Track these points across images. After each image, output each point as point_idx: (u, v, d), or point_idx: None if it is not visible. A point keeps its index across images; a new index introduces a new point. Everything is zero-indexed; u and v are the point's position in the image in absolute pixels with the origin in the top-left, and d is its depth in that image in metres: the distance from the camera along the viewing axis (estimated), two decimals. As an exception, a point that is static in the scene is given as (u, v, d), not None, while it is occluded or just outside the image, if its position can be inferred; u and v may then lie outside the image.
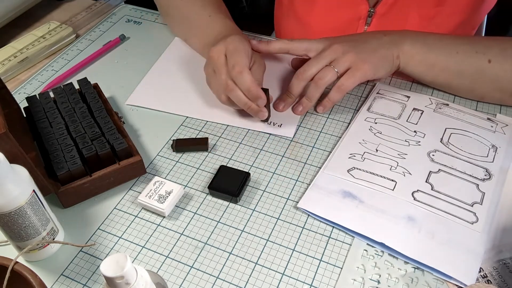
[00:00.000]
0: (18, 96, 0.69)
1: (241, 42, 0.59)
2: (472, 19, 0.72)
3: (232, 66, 0.57)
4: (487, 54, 0.59)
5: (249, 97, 0.57)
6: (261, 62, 0.63)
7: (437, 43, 0.61)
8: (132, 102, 0.66)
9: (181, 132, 0.62)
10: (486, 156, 0.56)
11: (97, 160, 0.53)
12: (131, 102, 0.67)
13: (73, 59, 0.75)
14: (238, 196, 0.52)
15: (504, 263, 0.46)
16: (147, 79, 0.70)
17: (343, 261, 0.48)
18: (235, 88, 0.57)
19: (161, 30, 0.81)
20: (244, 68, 0.56)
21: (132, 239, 0.50)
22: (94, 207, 0.54)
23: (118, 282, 0.30)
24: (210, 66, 0.61)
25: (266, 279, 0.47)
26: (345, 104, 0.65)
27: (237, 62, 0.57)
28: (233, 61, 0.57)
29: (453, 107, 0.62)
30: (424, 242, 0.48)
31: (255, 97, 0.57)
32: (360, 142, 0.58)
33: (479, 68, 0.60)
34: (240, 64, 0.57)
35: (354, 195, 0.52)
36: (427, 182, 0.53)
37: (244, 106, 0.58)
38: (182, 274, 0.47)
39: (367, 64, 0.59)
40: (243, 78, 0.56)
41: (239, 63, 0.57)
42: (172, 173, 0.57)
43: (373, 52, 0.60)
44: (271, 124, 0.62)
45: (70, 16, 0.84)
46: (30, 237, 0.46)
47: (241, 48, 0.58)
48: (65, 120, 0.57)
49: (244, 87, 0.57)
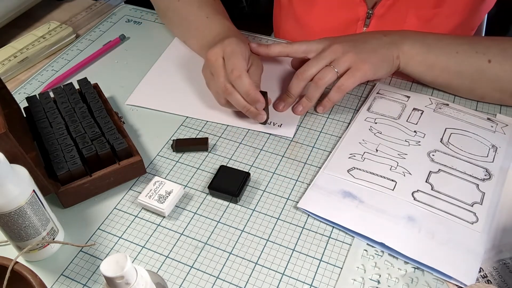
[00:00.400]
0: (18, 96, 0.69)
1: (238, 45, 0.59)
2: (471, 20, 0.72)
3: (231, 70, 0.57)
4: (487, 54, 0.59)
5: (248, 100, 0.58)
6: (259, 63, 0.63)
7: (437, 43, 0.61)
8: (132, 102, 0.66)
9: (181, 132, 0.62)
10: (486, 156, 0.56)
11: (97, 160, 0.53)
12: (131, 102, 0.67)
13: (73, 59, 0.75)
14: (238, 196, 0.52)
15: (504, 263, 0.46)
16: (147, 79, 0.70)
17: (343, 261, 0.48)
18: (233, 91, 0.57)
19: (161, 30, 0.81)
20: (242, 72, 0.56)
21: (132, 239, 0.50)
22: (94, 207, 0.54)
23: (118, 282, 0.30)
24: (208, 68, 0.61)
25: (266, 279, 0.47)
26: (345, 104, 0.65)
27: (235, 66, 0.57)
28: (231, 64, 0.57)
29: (453, 107, 0.62)
30: (424, 242, 0.48)
31: (253, 100, 0.57)
32: (360, 142, 0.58)
33: (479, 68, 0.60)
34: (238, 68, 0.56)
35: (354, 195, 0.52)
36: (427, 182, 0.53)
37: (243, 109, 0.59)
38: (182, 274, 0.47)
39: (367, 64, 0.59)
40: (242, 82, 0.56)
41: (237, 67, 0.57)
42: (172, 173, 0.57)
43: (373, 52, 0.60)
44: (271, 124, 0.62)
45: (70, 16, 0.84)
46: (30, 237, 0.46)
47: (239, 51, 0.58)
48: (65, 120, 0.57)
49: (243, 91, 0.57)
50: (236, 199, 0.53)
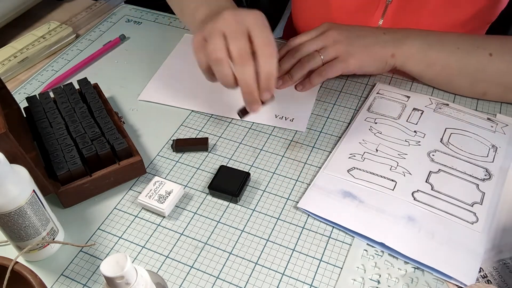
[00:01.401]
0: (18, 96, 0.69)
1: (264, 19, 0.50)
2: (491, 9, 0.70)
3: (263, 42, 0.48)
4: (488, 48, 0.60)
5: (263, 85, 0.49)
6: None
7: (438, 41, 0.61)
8: (144, 98, 0.67)
9: (181, 132, 0.62)
10: (486, 156, 0.56)
11: (97, 160, 0.53)
12: (143, 98, 0.67)
13: (73, 59, 0.75)
14: (238, 196, 0.52)
15: (504, 263, 0.46)
16: (158, 75, 0.71)
17: (343, 261, 0.48)
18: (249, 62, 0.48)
19: (161, 30, 0.81)
20: (275, 51, 0.48)
21: (132, 239, 0.50)
22: (94, 207, 0.54)
23: (118, 282, 0.30)
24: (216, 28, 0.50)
25: (266, 279, 0.47)
26: (345, 104, 0.65)
27: (270, 40, 0.48)
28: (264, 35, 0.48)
29: (453, 107, 0.62)
30: (424, 242, 0.48)
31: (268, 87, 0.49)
32: (360, 142, 0.58)
33: (481, 63, 0.60)
34: (272, 44, 0.48)
35: (354, 195, 0.52)
36: (427, 182, 0.53)
37: (246, 88, 0.50)
38: (182, 274, 0.47)
39: (353, 58, 0.61)
40: (273, 61, 0.48)
41: (272, 42, 0.48)
42: (172, 173, 0.57)
43: (364, 48, 0.62)
44: (283, 119, 0.62)
45: (70, 16, 0.84)
46: (30, 237, 0.46)
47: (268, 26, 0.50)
48: (65, 120, 0.57)
49: (267, 71, 0.48)
50: (236, 199, 0.53)
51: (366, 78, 0.68)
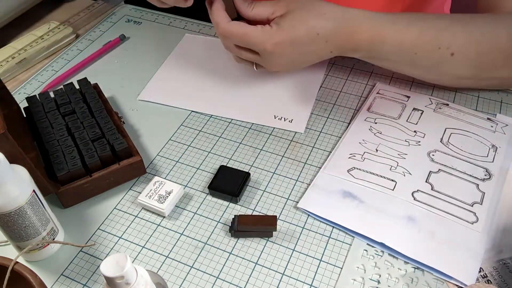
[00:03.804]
0: (18, 96, 0.69)
1: None
2: None
3: None
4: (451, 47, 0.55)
5: None
6: None
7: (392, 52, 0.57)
8: (144, 98, 0.67)
9: (181, 132, 0.62)
10: (486, 156, 0.56)
11: (97, 160, 0.53)
12: (143, 97, 0.67)
13: (73, 59, 0.75)
14: (238, 196, 0.52)
15: (504, 263, 0.46)
16: (158, 75, 0.71)
17: (343, 261, 0.48)
18: None
19: (161, 30, 0.81)
20: None
21: (132, 239, 0.50)
22: (94, 207, 0.54)
23: (118, 282, 0.30)
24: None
25: (266, 279, 0.47)
26: (345, 104, 0.65)
27: None
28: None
29: (453, 107, 0.62)
30: (424, 242, 0.48)
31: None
32: (360, 142, 0.58)
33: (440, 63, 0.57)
34: None
35: (354, 195, 0.52)
36: (427, 182, 0.53)
37: None
38: (182, 274, 0.47)
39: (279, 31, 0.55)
40: None
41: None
42: (172, 173, 0.57)
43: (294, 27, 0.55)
44: (282, 120, 0.62)
45: (70, 16, 0.84)
46: (30, 237, 0.46)
47: None
48: (65, 120, 0.57)
49: None
50: (236, 199, 0.53)
51: (366, 78, 0.68)
